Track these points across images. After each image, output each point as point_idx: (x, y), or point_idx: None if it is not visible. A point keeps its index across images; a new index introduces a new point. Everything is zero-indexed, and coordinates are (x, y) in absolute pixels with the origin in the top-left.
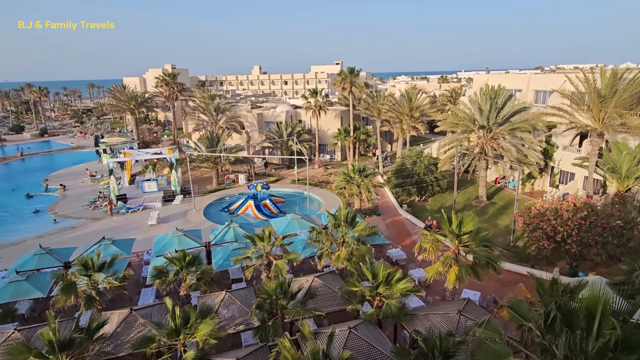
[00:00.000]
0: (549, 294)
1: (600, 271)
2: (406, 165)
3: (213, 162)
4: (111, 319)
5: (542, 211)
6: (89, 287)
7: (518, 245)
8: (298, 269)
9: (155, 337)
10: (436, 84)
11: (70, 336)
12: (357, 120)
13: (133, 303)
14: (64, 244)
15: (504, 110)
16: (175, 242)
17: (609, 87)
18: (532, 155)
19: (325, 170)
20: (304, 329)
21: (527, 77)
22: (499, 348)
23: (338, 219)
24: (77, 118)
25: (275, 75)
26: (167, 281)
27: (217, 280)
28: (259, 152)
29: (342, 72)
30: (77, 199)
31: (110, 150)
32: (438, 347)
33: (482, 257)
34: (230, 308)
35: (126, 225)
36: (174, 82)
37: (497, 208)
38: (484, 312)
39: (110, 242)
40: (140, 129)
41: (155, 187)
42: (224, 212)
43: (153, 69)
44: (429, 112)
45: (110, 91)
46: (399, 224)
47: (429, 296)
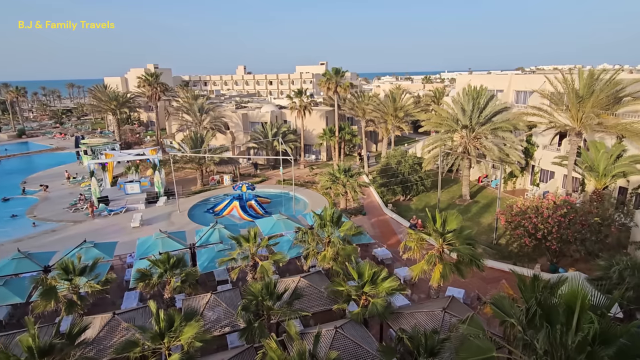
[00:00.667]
0: (530, 290)
1: (580, 267)
2: (391, 164)
3: (197, 163)
4: (93, 324)
5: (524, 209)
6: (69, 291)
7: (501, 242)
8: (284, 269)
9: (139, 341)
10: (420, 84)
11: (50, 342)
12: (342, 121)
13: (116, 307)
14: (44, 248)
15: (486, 110)
16: (159, 245)
17: (587, 87)
18: (513, 155)
19: (311, 171)
20: (290, 329)
21: (508, 77)
22: (482, 344)
23: (324, 219)
24: (56, 119)
25: (260, 76)
26: (151, 284)
27: (202, 282)
28: (244, 152)
29: (327, 73)
30: (58, 201)
31: (91, 151)
32: (423, 344)
33: (466, 255)
34: (215, 310)
35: (108, 227)
36: (156, 82)
37: (480, 206)
38: (468, 309)
39: (92, 245)
40: (122, 130)
41: (138, 189)
42: (209, 214)
43: (135, 69)
44: (413, 112)
45: (91, 91)
46: (384, 223)
47: (414, 294)
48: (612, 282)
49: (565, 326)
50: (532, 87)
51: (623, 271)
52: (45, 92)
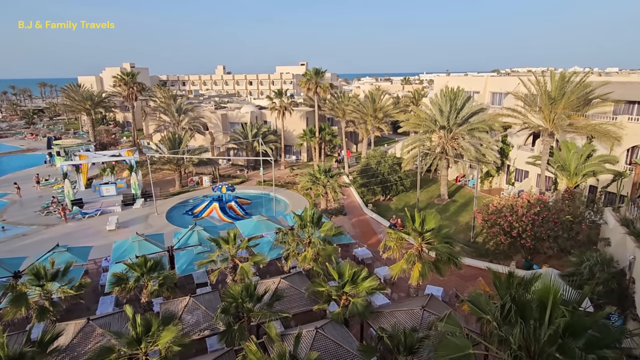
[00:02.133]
0: (505, 287)
1: (553, 263)
2: (371, 165)
3: (175, 164)
4: (66, 330)
5: (499, 208)
6: (41, 297)
7: (478, 241)
8: (264, 270)
9: (115, 347)
10: (399, 85)
11: (20, 350)
12: (322, 121)
13: (91, 312)
14: (14, 253)
15: (463, 111)
16: (136, 248)
17: (558, 89)
18: (489, 155)
19: (291, 171)
20: (270, 331)
21: (484, 79)
22: (459, 341)
23: (304, 219)
24: (27, 119)
25: (240, 76)
26: (127, 288)
27: (180, 286)
28: (223, 153)
29: (307, 73)
30: (29, 204)
31: (64, 152)
32: (403, 342)
33: (444, 253)
34: (194, 313)
35: (83, 231)
36: (133, 82)
37: (457, 205)
38: (447, 306)
39: (65, 249)
40: (97, 130)
41: (114, 191)
42: (188, 215)
43: (110, 68)
44: (393, 112)
45: (64, 90)
46: (364, 223)
47: (394, 293)
48: (583, 278)
49: (538, 321)
50: (507, 88)
51: (593, 267)
52: (16, 91)
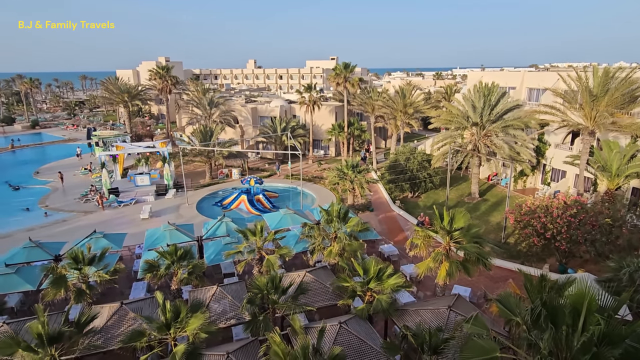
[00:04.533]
0: (537, 290)
1: (589, 268)
2: (399, 161)
3: (206, 156)
4: (101, 313)
5: (533, 208)
6: (79, 280)
7: (509, 241)
8: (290, 263)
9: (146, 331)
10: (431, 80)
11: (59, 330)
12: (351, 116)
13: (124, 297)
14: (55, 238)
15: (497, 108)
16: (167, 236)
17: (601, 86)
18: (524, 153)
19: (319, 166)
20: (294, 323)
21: (521, 74)
22: (485, 344)
23: (331, 214)
24: (69, 110)
25: (270, 70)
26: (159, 275)
27: (208, 275)
28: (252, 146)
29: (337, 68)
30: (69, 192)
31: (102, 143)
32: (427, 342)
33: (473, 253)
34: (221, 302)
35: (118, 218)
36: (167, 75)
37: (489, 205)
38: (474, 307)
39: (101, 235)
40: (133, 122)
41: (147, 181)
42: (217, 207)
43: (147, 62)
44: (423, 108)
45: (103, 83)
46: (391, 220)
47: (419, 292)
48: (622, 284)
49: (571, 327)
50: (545, 84)
51: (634, 273)
52: (59, 83)
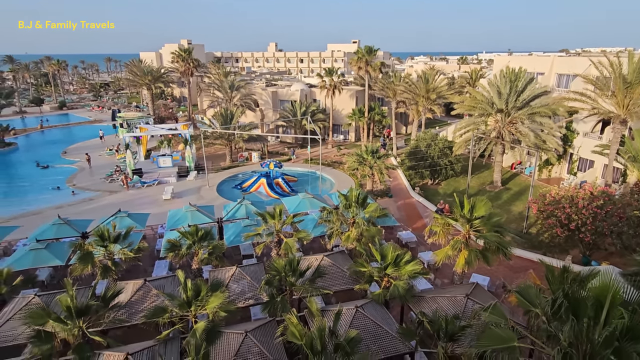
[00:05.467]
0: (558, 282)
1: (614, 261)
2: (420, 147)
3: (227, 139)
4: (126, 289)
5: (558, 198)
6: (105, 257)
7: (531, 232)
8: (308, 247)
9: (168, 308)
10: (455, 65)
11: (87, 303)
12: (372, 101)
13: (147, 274)
14: (82, 215)
15: (524, 94)
16: (189, 217)
17: (636, 72)
18: (550, 141)
19: (339, 151)
20: (311, 306)
21: (550, 59)
22: (503, 333)
23: (349, 199)
24: (94, 92)
25: (291, 53)
26: (180, 254)
27: (228, 256)
28: (272, 130)
29: (359, 51)
30: (95, 171)
31: (126, 124)
32: (444, 329)
33: (493, 242)
34: (240, 283)
35: (141, 199)
36: (189, 58)
37: (511, 194)
38: (492, 297)
39: (125, 214)
40: (156, 105)
41: (170, 163)
42: (237, 189)
43: (169, 44)
44: (446, 94)
45: (127, 66)
46: (410, 206)
47: (437, 279)
48: None
49: (593, 320)
50: (575, 70)
51: None
52: (85, 65)
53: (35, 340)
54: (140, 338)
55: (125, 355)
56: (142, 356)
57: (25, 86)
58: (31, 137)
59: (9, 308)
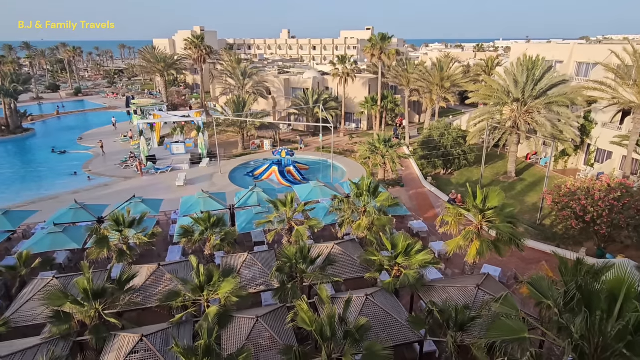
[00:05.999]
0: (572, 274)
1: (630, 254)
2: (433, 137)
3: (239, 127)
4: (140, 273)
5: (573, 190)
6: (120, 241)
7: (545, 223)
8: (319, 235)
9: (181, 292)
10: (471, 52)
11: (103, 286)
12: (385, 89)
13: (161, 259)
14: (97, 201)
15: (541, 83)
16: (201, 204)
17: None
18: (568, 132)
19: (351, 139)
20: (322, 293)
21: (569, 47)
22: (514, 324)
23: (361, 188)
24: (109, 79)
25: (304, 40)
26: (193, 240)
27: (240, 242)
28: (284, 118)
29: (373, 38)
30: (110, 158)
31: (140, 111)
32: (453, 319)
33: (506, 233)
34: (251, 269)
35: (155, 185)
36: (202, 45)
37: (525, 185)
38: (503, 288)
39: (140, 200)
40: (169, 92)
41: (183, 150)
42: (249, 177)
43: (182, 31)
44: (461, 82)
45: (141, 52)
46: (422, 196)
47: (448, 269)
48: None
49: (606, 313)
50: (596, 58)
51: None
52: (99, 52)
53: (54, 320)
54: (154, 321)
55: (140, 337)
56: (156, 338)
57: (41, 73)
58: (48, 123)
59: (29, 289)
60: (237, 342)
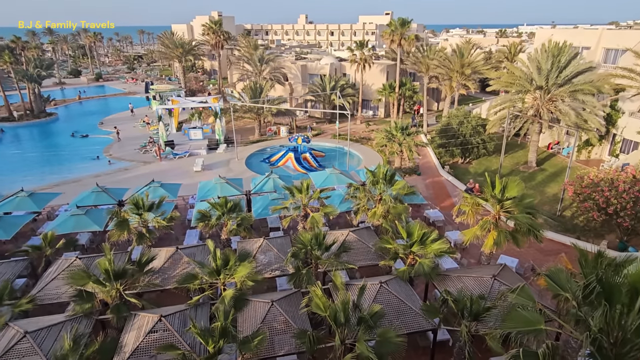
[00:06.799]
0: (592, 266)
1: None
2: (452, 125)
3: (256, 113)
4: (159, 255)
5: (596, 181)
6: (139, 224)
7: (565, 215)
8: (334, 222)
9: (198, 275)
10: (493, 38)
11: (123, 267)
12: (403, 76)
13: (179, 242)
14: (118, 184)
15: (566, 70)
16: (218, 189)
17: None
18: (592, 121)
19: (367, 127)
20: (336, 279)
21: (597, 33)
22: (530, 316)
23: (377, 176)
24: (128, 64)
25: (322, 26)
26: (210, 225)
27: (256, 228)
28: (301, 104)
29: (392, 23)
30: (130, 142)
31: (159, 97)
32: (468, 308)
33: (524, 224)
34: (267, 254)
35: (173, 170)
36: (220, 30)
37: (546, 175)
38: (520, 279)
39: (158, 185)
40: (187, 77)
41: (200, 135)
42: (265, 163)
43: (200, 16)
44: (482, 69)
45: (160, 38)
46: (439, 185)
47: (463, 259)
48: None
49: (627, 307)
50: (625, 44)
51: None
52: (119, 38)
53: (78, 299)
54: (172, 302)
55: (159, 317)
56: (174, 319)
57: (63, 58)
58: (70, 107)
59: (53, 268)
60: (253, 325)
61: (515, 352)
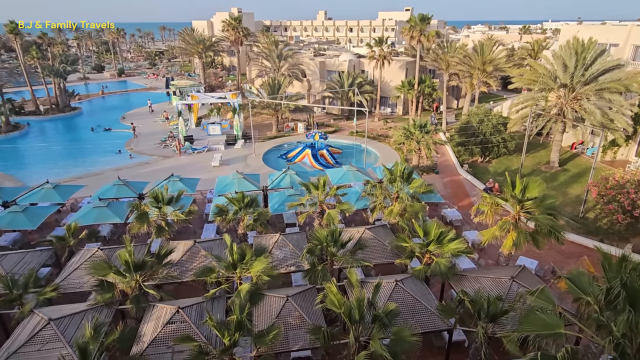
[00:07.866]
0: (616, 270)
1: None
2: (472, 123)
3: (274, 109)
4: (177, 248)
5: (622, 183)
6: (159, 218)
7: (588, 216)
8: (350, 219)
9: (215, 269)
10: (516, 35)
11: (143, 259)
12: (423, 73)
13: (196, 236)
14: (138, 178)
15: (592, 68)
16: (236, 184)
17: None
18: (619, 120)
19: (385, 124)
20: (351, 276)
21: (627, 29)
22: (549, 319)
23: (394, 173)
24: (150, 60)
25: (341, 22)
26: (227, 219)
27: (272, 223)
28: (318, 101)
29: (412, 19)
30: (150, 137)
31: (179, 92)
32: (485, 309)
33: (545, 225)
34: (283, 250)
35: (192, 164)
36: (239, 27)
37: (569, 175)
38: (540, 281)
39: (177, 179)
40: (206, 73)
41: (219, 131)
42: (282, 159)
43: (220, 13)
44: (504, 66)
45: (180, 34)
46: (457, 183)
47: (481, 259)
48: None
49: None
50: None
51: None
52: (141, 34)
53: (99, 289)
54: (189, 294)
55: (176, 309)
56: (191, 311)
57: (87, 54)
58: (93, 102)
59: (76, 259)
60: (268, 320)
61: (533, 356)
